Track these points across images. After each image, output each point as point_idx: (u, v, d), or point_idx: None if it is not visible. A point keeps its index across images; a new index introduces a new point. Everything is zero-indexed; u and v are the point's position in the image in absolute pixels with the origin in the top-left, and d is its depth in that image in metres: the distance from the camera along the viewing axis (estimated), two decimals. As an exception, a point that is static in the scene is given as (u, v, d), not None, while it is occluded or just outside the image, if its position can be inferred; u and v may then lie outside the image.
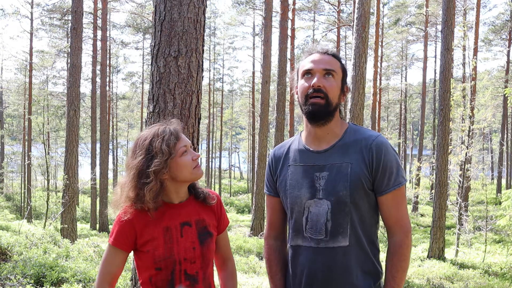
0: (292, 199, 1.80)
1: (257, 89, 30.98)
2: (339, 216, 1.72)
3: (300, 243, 1.79)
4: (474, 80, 14.73)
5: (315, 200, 1.75)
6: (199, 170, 1.75)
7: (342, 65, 1.81)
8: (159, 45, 2.79)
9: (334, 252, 1.72)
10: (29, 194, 21.71)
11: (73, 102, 11.15)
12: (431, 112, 37.23)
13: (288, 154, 1.88)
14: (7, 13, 25.87)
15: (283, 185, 1.85)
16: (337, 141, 1.79)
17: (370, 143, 1.74)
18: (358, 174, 1.71)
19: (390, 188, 1.73)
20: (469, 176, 13.38)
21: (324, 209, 1.73)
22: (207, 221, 1.81)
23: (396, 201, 1.75)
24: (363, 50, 8.21)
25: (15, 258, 5.59)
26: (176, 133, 1.73)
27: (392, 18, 30.92)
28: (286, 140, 1.97)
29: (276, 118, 14.39)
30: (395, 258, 1.73)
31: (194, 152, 1.76)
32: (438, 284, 8.31)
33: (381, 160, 1.72)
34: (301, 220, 1.78)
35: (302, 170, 1.80)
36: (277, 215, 1.95)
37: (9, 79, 35.63)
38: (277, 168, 1.90)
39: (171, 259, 1.69)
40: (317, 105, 1.72)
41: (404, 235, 1.74)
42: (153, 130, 1.72)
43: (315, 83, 1.72)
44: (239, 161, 50.54)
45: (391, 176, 1.73)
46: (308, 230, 1.76)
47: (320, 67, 1.75)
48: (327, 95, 1.73)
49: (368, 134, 1.79)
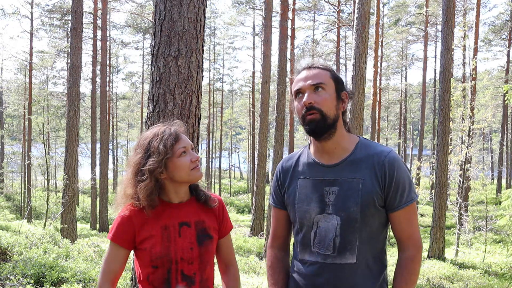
0: (301, 213, 1.78)
1: (257, 89, 30.99)
2: (348, 233, 1.70)
3: (306, 258, 1.77)
4: (474, 80, 14.73)
5: (324, 215, 1.73)
6: (197, 172, 1.74)
7: (332, 74, 1.77)
8: (159, 45, 2.79)
9: (341, 269, 1.71)
10: (29, 194, 21.72)
11: (73, 102, 11.16)
12: (431, 112, 37.23)
13: (297, 167, 1.85)
14: (7, 13, 25.88)
15: (292, 199, 1.82)
16: (348, 156, 1.76)
17: (382, 159, 1.72)
18: (369, 190, 1.69)
19: (402, 205, 1.72)
20: (469, 176, 13.38)
21: (333, 224, 1.71)
22: (207, 223, 1.81)
23: (409, 217, 1.74)
24: (363, 50, 8.21)
25: (15, 258, 5.59)
26: (176, 134, 1.73)
27: (392, 18, 30.93)
28: (293, 152, 1.95)
29: (276, 118, 14.39)
30: (406, 271, 1.72)
31: (193, 154, 1.76)
32: (438, 284, 8.31)
33: (393, 176, 1.70)
34: (310, 234, 1.76)
35: (311, 184, 1.78)
36: (282, 227, 1.94)
37: (9, 79, 35.68)
38: (285, 181, 1.87)
39: (167, 258, 1.70)
40: (314, 122, 1.70)
41: (416, 250, 1.73)
42: (154, 130, 1.75)
43: (305, 102, 1.70)
44: (239, 161, 50.55)
45: (404, 193, 1.71)
46: (316, 245, 1.75)
47: (307, 84, 1.72)
48: (321, 109, 1.70)
49: (380, 149, 1.76)
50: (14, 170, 33.29)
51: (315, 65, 1.78)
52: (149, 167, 1.68)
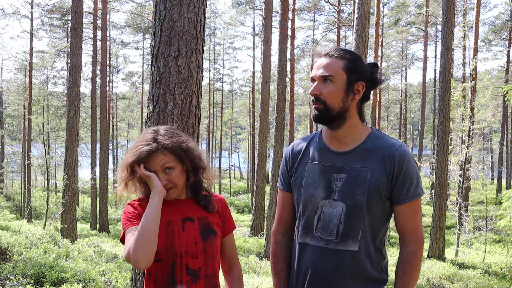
0: (306, 196, 1.80)
1: (257, 89, 30.98)
2: (352, 220, 1.72)
3: (308, 242, 1.79)
4: (474, 80, 14.73)
5: (329, 200, 1.75)
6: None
7: (346, 64, 1.73)
8: (159, 45, 2.79)
9: (342, 255, 1.72)
10: (29, 194, 21.71)
11: (73, 102, 11.16)
12: (431, 112, 37.22)
13: (307, 151, 1.86)
14: (7, 13, 25.89)
15: (298, 182, 1.84)
16: (358, 145, 1.77)
17: (393, 151, 1.73)
18: (377, 180, 1.71)
19: (408, 198, 1.73)
20: (469, 176, 13.38)
21: (338, 211, 1.73)
22: (210, 219, 1.81)
23: (413, 211, 1.75)
24: (363, 50, 8.21)
25: (15, 258, 5.59)
26: (140, 157, 1.72)
27: (392, 18, 30.93)
28: (305, 136, 1.96)
29: (276, 118, 14.38)
30: (408, 267, 1.73)
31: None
32: (438, 284, 8.31)
33: (402, 169, 1.72)
34: (313, 218, 1.78)
35: (320, 169, 1.79)
36: (287, 211, 1.94)
37: (9, 79, 35.65)
38: (294, 163, 1.88)
39: (171, 252, 1.69)
40: (317, 112, 1.74)
41: (418, 245, 1.75)
42: (138, 140, 1.79)
43: (311, 93, 1.75)
44: (239, 161, 50.50)
45: (411, 187, 1.73)
46: (318, 229, 1.76)
47: (318, 74, 1.74)
48: (325, 101, 1.72)
49: (392, 142, 1.77)
50: (14, 170, 33.27)
51: (331, 53, 1.76)
52: (119, 175, 1.77)
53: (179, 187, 1.75)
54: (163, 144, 1.71)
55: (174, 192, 1.74)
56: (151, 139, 1.72)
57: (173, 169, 1.71)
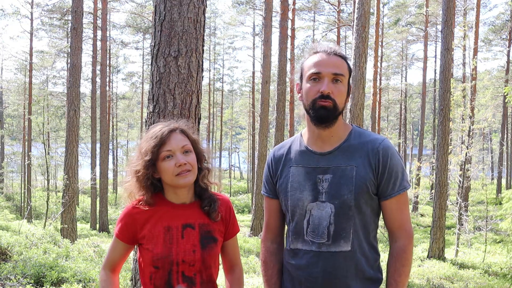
0: (294, 201, 1.77)
1: (257, 89, 30.98)
2: (342, 220, 1.70)
3: (300, 247, 1.76)
4: (474, 80, 14.73)
5: (317, 203, 1.72)
6: (181, 179, 1.69)
7: (348, 65, 1.76)
8: (159, 45, 2.79)
9: (336, 257, 1.70)
10: (29, 194, 21.70)
11: (73, 102, 11.16)
12: (431, 112, 37.21)
13: (289, 155, 1.84)
14: (7, 13, 25.87)
15: (284, 187, 1.81)
16: (341, 143, 1.76)
17: (376, 146, 1.72)
18: (363, 177, 1.69)
19: (395, 193, 1.72)
20: (469, 176, 13.37)
21: (327, 212, 1.71)
22: (212, 226, 1.79)
23: (400, 206, 1.74)
24: (363, 50, 8.22)
25: (15, 258, 5.59)
26: (162, 136, 1.70)
27: (392, 18, 30.91)
28: (285, 141, 1.93)
29: (276, 118, 14.38)
30: (398, 263, 1.72)
31: (179, 158, 1.69)
32: (438, 284, 8.31)
33: (387, 164, 1.71)
34: (302, 223, 1.75)
35: (304, 172, 1.77)
36: (275, 218, 1.92)
37: (9, 79, 35.62)
38: (277, 169, 1.86)
39: (168, 259, 1.69)
40: (326, 110, 1.68)
41: (408, 240, 1.74)
42: (151, 130, 1.76)
43: (324, 90, 1.67)
44: (239, 161, 50.49)
45: (396, 181, 1.72)
46: (309, 233, 1.73)
47: (329, 71, 1.69)
48: (335, 100, 1.69)
49: (374, 137, 1.77)
50: (14, 170, 33.26)
51: (337, 52, 1.76)
52: (132, 168, 1.73)
53: (194, 172, 1.74)
54: (181, 128, 1.76)
55: (190, 176, 1.71)
56: (168, 123, 1.76)
57: (191, 152, 1.74)
